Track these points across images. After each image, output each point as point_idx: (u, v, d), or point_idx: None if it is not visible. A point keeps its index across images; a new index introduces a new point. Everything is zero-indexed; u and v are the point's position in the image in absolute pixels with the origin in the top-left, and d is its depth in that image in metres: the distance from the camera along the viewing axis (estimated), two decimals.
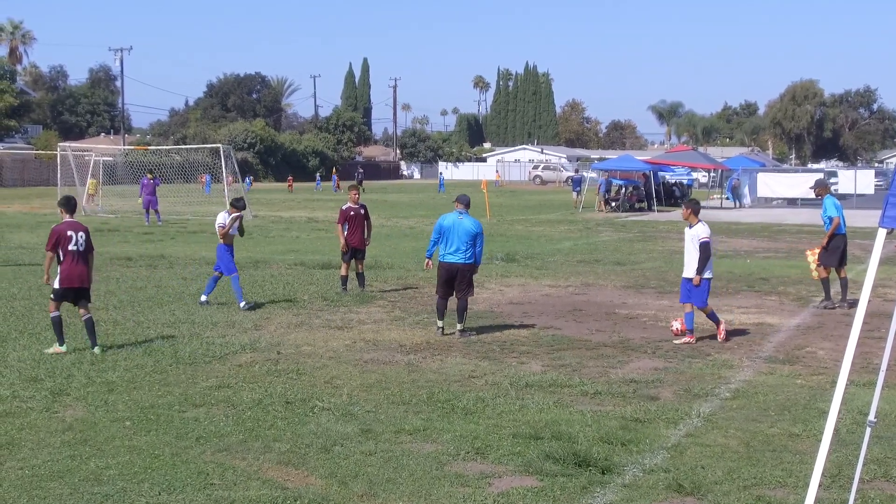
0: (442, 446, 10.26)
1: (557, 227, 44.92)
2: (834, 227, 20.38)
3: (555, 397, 12.44)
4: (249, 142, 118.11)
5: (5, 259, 27.94)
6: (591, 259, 29.56)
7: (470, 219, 16.91)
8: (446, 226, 16.90)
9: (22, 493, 8.75)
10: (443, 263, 16.93)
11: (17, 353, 14.65)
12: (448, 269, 16.85)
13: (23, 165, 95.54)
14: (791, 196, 66.44)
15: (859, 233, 41.38)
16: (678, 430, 10.98)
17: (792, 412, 11.85)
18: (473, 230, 16.78)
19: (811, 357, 15.27)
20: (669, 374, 13.96)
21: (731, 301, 20.91)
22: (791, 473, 9.47)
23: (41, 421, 11.12)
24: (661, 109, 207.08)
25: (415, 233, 39.65)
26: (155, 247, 32.67)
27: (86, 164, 57.47)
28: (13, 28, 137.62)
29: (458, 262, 16.78)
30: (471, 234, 16.74)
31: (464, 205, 17.04)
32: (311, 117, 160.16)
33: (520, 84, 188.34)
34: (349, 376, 13.51)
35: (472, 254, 16.84)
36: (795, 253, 30.94)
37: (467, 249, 16.77)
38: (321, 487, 8.98)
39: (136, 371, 13.62)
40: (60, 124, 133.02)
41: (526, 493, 8.89)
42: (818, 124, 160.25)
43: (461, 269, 16.79)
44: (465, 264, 16.80)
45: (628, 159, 68.59)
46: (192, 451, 9.99)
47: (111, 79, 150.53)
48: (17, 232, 38.97)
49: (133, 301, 20.00)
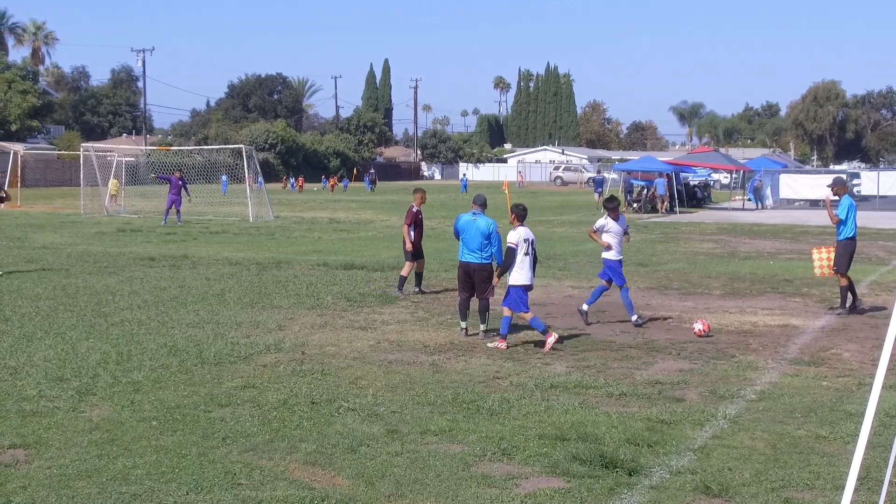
0: (468, 447, 10.25)
1: (579, 228, 44.82)
2: (832, 218, 20.08)
3: (580, 399, 12.42)
4: (271, 142, 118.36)
5: (29, 259, 28.05)
6: None
7: (484, 218, 16.95)
8: (461, 226, 17.00)
9: (50, 492, 8.78)
10: (461, 263, 17.01)
11: (43, 353, 14.70)
12: (465, 268, 16.91)
13: (45, 166, 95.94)
14: (813, 197, 66.21)
15: (883, 234, 41.28)
16: (704, 432, 10.94)
17: (818, 414, 11.80)
18: (486, 230, 16.82)
19: (836, 359, 15.21)
20: (694, 375, 13.92)
21: (755, 302, 20.84)
22: (819, 476, 9.43)
23: (68, 420, 11.15)
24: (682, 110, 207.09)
25: (437, 233, 39.62)
26: (178, 247, 32.76)
27: (108, 165, 57.73)
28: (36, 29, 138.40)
29: (473, 262, 16.83)
30: (484, 234, 16.79)
31: (479, 205, 17.11)
32: (332, 118, 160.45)
33: (541, 85, 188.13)
34: (374, 377, 13.51)
35: (489, 253, 16.88)
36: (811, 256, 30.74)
37: (482, 249, 16.81)
38: (348, 488, 8.99)
39: (162, 371, 13.65)
40: (82, 125, 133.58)
41: (553, 494, 8.88)
42: (840, 125, 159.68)
43: (477, 268, 16.83)
44: (481, 264, 16.83)
45: (650, 160, 68.48)
46: (218, 451, 10.00)
47: (133, 79, 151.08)
48: (41, 232, 39.13)
49: (157, 301, 20.05)
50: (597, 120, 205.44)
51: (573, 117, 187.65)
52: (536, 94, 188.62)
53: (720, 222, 49.56)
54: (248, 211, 49.18)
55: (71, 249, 31.37)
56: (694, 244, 35.72)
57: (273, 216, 49.15)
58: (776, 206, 65.69)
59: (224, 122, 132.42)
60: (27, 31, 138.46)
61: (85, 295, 20.88)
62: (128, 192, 57.64)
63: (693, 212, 59.87)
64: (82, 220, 47.59)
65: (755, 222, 49.34)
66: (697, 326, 16.83)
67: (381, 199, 73.45)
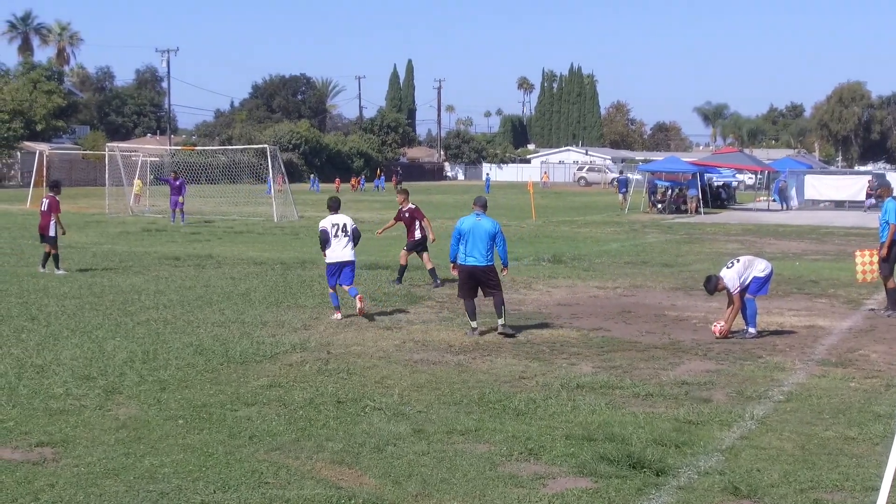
0: (495, 447, 10.23)
1: (603, 228, 44.79)
2: (892, 235, 19.48)
3: (606, 399, 12.38)
4: (294, 143, 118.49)
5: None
6: (639, 261, 29.45)
7: (488, 219, 17.03)
8: (465, 229, 16.99)
9: (78, 490, 8.80)
10: (464, 267, 17.00)
11: (70, 352, 14.73)
12: (469, 271, 16.94)
13: (70, 165, 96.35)
14: (839, 198, 66.01)
15: None
16: (732, 433, 10.89)
17: (847, 415, 11.73)
18: (492, 230, 16.89)
19: (864, 360, 15.12)
20: (721, 376, 13.86)
21: (781, 303, 20.74)
22: (848, 477, 9.37)
23: (95, 419, 11.18)
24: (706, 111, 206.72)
25: None
26: (202, 246, 32.83)
27: (133, 165, 57.91)
28: (61, 29, 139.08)
29: (479, 265, 16.87)
30: (490, 235, 16.84)
31: (481, 206, 17.22)
32: (355, 118, 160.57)
33: (564, 85, 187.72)
34: (399, 376, 13.50)
35: (492, 255, 16.97)
36: (844, 256, 30.65)
37: (488, 251, 16.88)
38: (375, 487, 8.98)
39: (188, 370, 13.67)
40: (107, 125, 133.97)
41: (581, 494, 8.85)
42: (865, 126, 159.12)
43: (483, 270, 16.90)
44: (487, 266, 16.90)
45: (675, 161, 68.30)
46: (245, 450, 10.01)
47: (157, 80, 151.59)
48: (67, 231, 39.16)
49: (183, 300, 20.08)
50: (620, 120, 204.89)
51: (597, 118, 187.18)
52: (560, 95, 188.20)
53: (745, 223, 49.39)
54: (272, 211, 49.26)
55: (96, 249, 31.49)
56: (719, 245, 35.64)
57: (297, 216, 49.20)
58: (801, 207, 65.43)
59: (248, 122, 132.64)
60: (52, 31, 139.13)
61: (111, 294, 20.94)
62: (152, 192, 57.77)
63: (717, 212, 59.70)
64: (107, 219, 47.74)
65: (780, 223, 49.17)
66: (719, 326, 16.75)
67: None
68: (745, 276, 16.56)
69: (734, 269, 16.57)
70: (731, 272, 16.55)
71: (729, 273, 16.55)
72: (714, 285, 16.59)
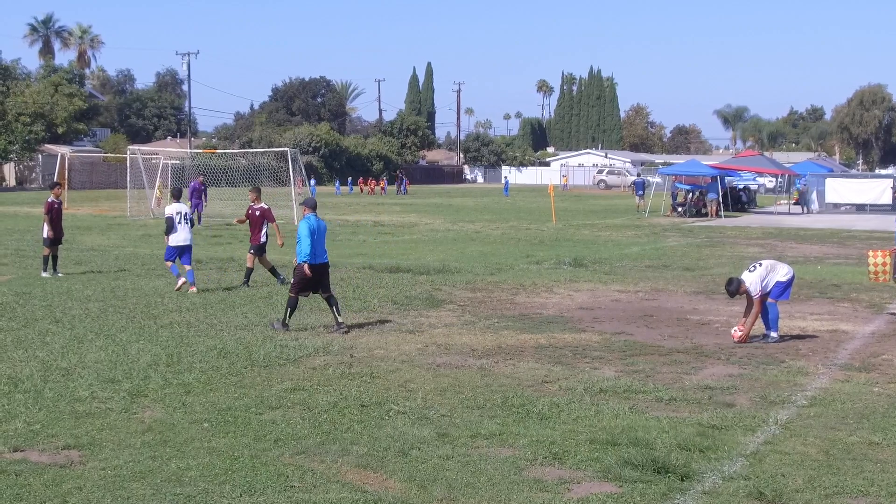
0: (519, 451, 10.26)
1: (624, 231, 44.73)
2: None
3: (630, 403, 12.39)
4: (314, 146, 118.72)
5: (77, 261, 28.29)
6: (660, 264, 29.41)
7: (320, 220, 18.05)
8: (316, 228, 17.63)
9: (105, 493, 8.86)
10: (315, 266, 17.53)
11: (94, 355, 14.81)
12: (320, 270, 17.67)
13: (91, 168, 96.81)
14: (860, 202, 65.76)
15: None
16: (756, 438, 10.89)
17: (871, 420, 11.72)
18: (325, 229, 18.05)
19: (888, 365, 15.08)
20: (744, 380, 13.85)
21: (803, 307, 20.69)
22: (873, 482, 9.36)
23: (121, 422, 11.24)
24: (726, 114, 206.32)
25: (481, 237, 39.69)
26: (224, 249, 32.94)
27: (154, 167, 58.11)
28: (82, 32, 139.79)
29: (327, 262, 17.97)
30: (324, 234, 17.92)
31: (311, 207, 17.98)
32: (375, 121, 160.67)
33: (584, 88, 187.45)
34: (423, 380, 13.53)
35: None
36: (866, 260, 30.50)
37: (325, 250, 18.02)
38: (400, 491, 9.01)
39: (212, 373, 13.73)
40: (128, 128, 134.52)
41: (606, 498, 8.87)
42: (886, 129, 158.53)
43: (325, 267, 17.88)
44: (327, 262, 17.99)
45: (695, 164, 68.12)
46: (270, 454, 10.05)
47: (178, 83, 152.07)
48: (89, 234, 39.46)
49: (205, 303, 20.16)
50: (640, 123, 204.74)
51: (616, 121, 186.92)
52: (579, 98, 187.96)
53: (766, 226, 49.25)
54: (292, 214, 49.32)
55: (119, 252, 31.62)
56: (740, 248, 35.57)
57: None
58: (822, 211, 65.22)
59: (268, 125, 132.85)
60: (73, 34, 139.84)
61: (134, 297, 21.04)
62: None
63: (738, 216, 59.57)
64: (128, 222, 47.91)
65: (801, 226, 49.01)
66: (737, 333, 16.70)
67: (423, 203, 73.46)
68: (767, 280, 16.53)
69: (756, 273, 16.54)
70: (753, 276, 16.52)
71: (751, 277, 16.52)
72: (736, 288, 16.56)
